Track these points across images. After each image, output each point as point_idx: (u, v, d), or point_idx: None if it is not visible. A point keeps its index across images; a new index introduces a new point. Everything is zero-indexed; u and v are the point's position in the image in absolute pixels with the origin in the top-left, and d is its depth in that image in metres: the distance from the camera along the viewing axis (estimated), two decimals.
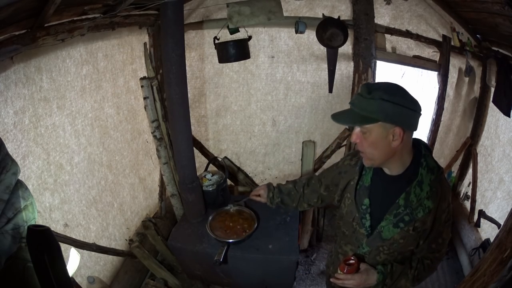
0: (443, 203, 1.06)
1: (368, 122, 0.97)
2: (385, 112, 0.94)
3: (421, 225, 1.05)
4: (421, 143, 1.09)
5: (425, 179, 1.03)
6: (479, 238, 2.28)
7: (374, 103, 0.94)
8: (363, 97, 0.97)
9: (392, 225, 1.08)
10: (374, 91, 0.95)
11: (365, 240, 1.15)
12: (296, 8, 2.52)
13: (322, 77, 2.70)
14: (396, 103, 0.94)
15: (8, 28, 1.22)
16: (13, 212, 0.87)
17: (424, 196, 1.03)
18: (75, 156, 1.78)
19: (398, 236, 1.08)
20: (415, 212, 1.04)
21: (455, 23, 2.38)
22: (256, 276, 1.96)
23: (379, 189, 1.12)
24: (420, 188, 1.03)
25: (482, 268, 1.31)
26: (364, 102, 0.96)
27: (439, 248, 1.14)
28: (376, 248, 1.14)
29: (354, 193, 1.17)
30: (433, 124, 2.65)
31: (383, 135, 0.98)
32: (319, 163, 2.94)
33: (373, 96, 0.95)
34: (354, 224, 1.18)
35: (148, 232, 2.41)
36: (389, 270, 1.12)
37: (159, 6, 1.61)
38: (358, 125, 1.00)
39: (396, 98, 0.94)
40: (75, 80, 1.75)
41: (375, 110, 0.95)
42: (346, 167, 1.24)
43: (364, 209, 1.13)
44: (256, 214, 2.00)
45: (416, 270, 1.13)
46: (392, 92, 0.95)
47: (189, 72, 2.60)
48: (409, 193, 1.04)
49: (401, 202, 1.05)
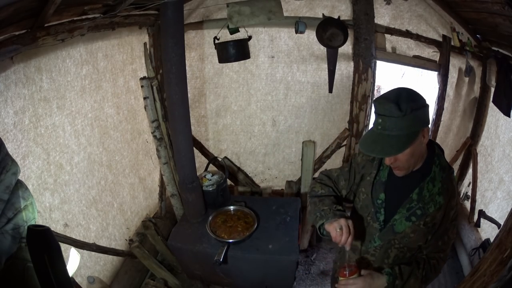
0: (452, 201, 1.08)
1: (413, 139, 0.97)
2: (421, 120, 0.97)
3: (431, 220, 1.08)
4: (434, 143, 1.13)
5: (437, 176, 1.07)
6: (479, 238, 2.27)
7: (410, 117, 0.94)
8: (395, 117, 0.94)
9: (404, 218, 1.10)
10: (403, 105, 0.93)
11: (378, 234, 1.16)
12: (296, 8, 2.52)
13: (322, 77, 2.70)
14: (422, 107, 0.96)
15: (8, 28, 1.22)
16: (13, 212, 0.87)
17: (436, 192, 1.06)
18: (75, 156, 1.78)
19: (409, 230, 1.10)
20: (427, 206, 1.07)
21: (455, 23, 2.37)
22: (256, 276, 1.96)
23: (395, 184, 1.14)
24: (433, 184, 1.07)
25: (482, 268, 1.31)
26: (400, 121, 0.94)
27: (444, 247, 1.14)
28: (388, 242, 1.15)
29: (371, 187, 1.17)
30: (433, 124, 2.65)
31: (419, 141, 1.00)
32: (319, 163, 2.94)
33: (405, 111, 0.93)
34: (369, 219, 1.19)
35: (148, 232, 2.41)
36: (397, 271, 1.10)
37: (159, 6, 1.61)
38: (406, 149, 0.96)
39: (419, 102, 0.96)
40: (75, 80, 1.75)
41: (413, 124, 0.95)
42: (364, 162, 1.23)
43: (380, 204, 1.15)
44: (256, 214, 2.00)
45: (424, 271, 1.13)
46: (413, 98, 0.96)
47: (189, 72, 2.60)
48: (423, 188, 1.07)
49: (415, 196, 1.08)
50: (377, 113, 0.99)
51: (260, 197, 2.89)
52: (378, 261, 1.20)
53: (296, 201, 2.21)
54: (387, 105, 0.94)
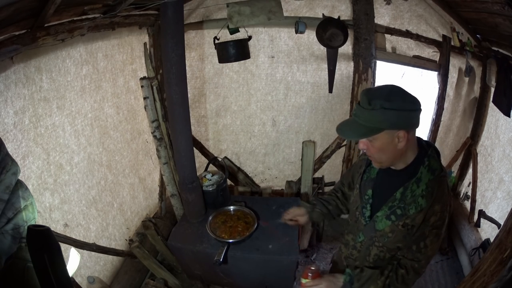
0: (436, 205, 1.03)
1: (373, 133, 0.99)
2: (388, 121, 0.96)
3: (411, 221, 1.06)
4: (431, 145, 1.11)
5: (423, 178, 1.05)
6: (479, 238, 2.27)
7: (375, 113, 0.96)
8: (364, 108, 0.98)
9: (385, 216, 1.11)
10: (374, 101, 0.96)
11: (363, 229, 1.19)
12: (296, 8, 2.52)
13: (322, 77, 2.70)
14: (397, 109, 0.95)
15: (8, 28, 1.22)
16: (13, 212, 0.87)
17: (419, 193, 1.04)
18: (75, 156, 1.78)
19: (388, 229, 1.10)
20: (407, 207, 1.06)
21: (455, 23, 2.37)
22: (256, 276, 1.96)
23: (383, 182, 1.16)
24: (417, 185, 1.05)
25: (482, 268, 1.31)
26: (366, 113, 0.98)
27: (419, 256, 1.06)
28: (370, 238, 1.17)
29: (360, 183, 1.22)
30: (433, 124, 2.65)
31: (389, 141, 1.00)
32: (319, 163, 2.94)
33: (373, 106, 0.96)
34: (357, 214, 1.22)
35: (148, 232, 2.40)
36: (356, 273, 1.15)
37: (159, 6, 1.61)
38: (363, 138, 1.02)
39: (396, 104, 0.95)
40: (75, 80, 1.75)
41: (378, 120, 0.97)
42: (361, 162, 1.29)
43: (367, 199, 1.18)
44: (256, 214, 2.00)
45: (387, 279, 1.10)
46: (391, 98, 0.96)
47: (189, 72, 2.60)
48: (407, 188, 1.07)
49: (398, 195, 1.08)
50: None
51: (260, 197, 2.89)
52: (361, 258, 1.22)
53: (296, 201, 2.21)
54: (363, 96, 1.00)
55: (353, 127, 1.03)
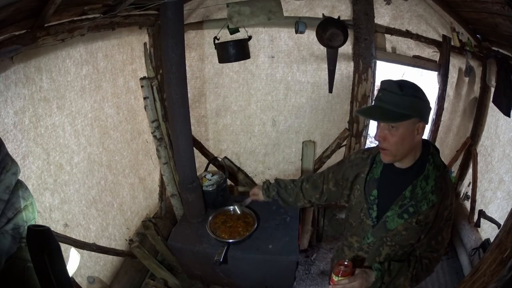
0: (446, 200, 1.09)
1: (403, 119, 1.00)
2: (417, 109, 0.99)
3: (424, 218, 1.08)
4: (430, 143, 1.15)
5: (431, 174, 1.07)
6: (479, 238, 2.27)
7: (407, 99, 0.98)
8: (394, 93, 0.99)
9: (397, 215, 1.10)
10: (406, 88, 0.98)
11: (371, 230, 1.17)
12: (296, 8, 2.52)
13: (322, 77, 2.70)
14: (423, 100, 1.00)
15: (8, 28, 1.22)
16: (13, 212, 0.87)
17: (429, 190, 1.07)
18: (75, 156, 1.78)
19: (401, 227, 1.11)
20: (419, 204, 1.07)
21: (455, 23, 2.37)
22: (256, 276, 1.96)
23: (388, 181, 1.15)
24: (426, 182, 1.07)
25: (482, 268, 1.31)
26: (398, 98, 0.99)
27: (438, 247, 1.15)
28: (380, 239, 1.16)
29: (364, 184, 1.20)
30: (433, 124, 2.65)
31: (410, 131, 1.02)
32: (319, 163, 2.94)
33: (405, 93, 0.98)
34: (362, 215, 1.21)
35: (148, 232, 2.40)
36: (386, 267, 1.13)
37: (159, 6, 1.61)
38: (394, 122, 1.01)
39: (422, 95, 1.00)
40: (75, 80, 1.75)
41: (409, 107, 0.98)
42: (358, 160, 1.27)
43: (372, 200, 1.17)
44: (256, 214, 2.00)
45: (414, 269, 1.14)
46: (418, 88, 1.00)
47: (189, 72, 2.60)
48: (416, 185, 1.08)
49: (407, 194, 1.09)
50: (380, 88, 1.04)
51: None
52: (370, 259, 1.21)
53: None
54: (392, 82, 1.01)
55: (381, 112, 1.01)
